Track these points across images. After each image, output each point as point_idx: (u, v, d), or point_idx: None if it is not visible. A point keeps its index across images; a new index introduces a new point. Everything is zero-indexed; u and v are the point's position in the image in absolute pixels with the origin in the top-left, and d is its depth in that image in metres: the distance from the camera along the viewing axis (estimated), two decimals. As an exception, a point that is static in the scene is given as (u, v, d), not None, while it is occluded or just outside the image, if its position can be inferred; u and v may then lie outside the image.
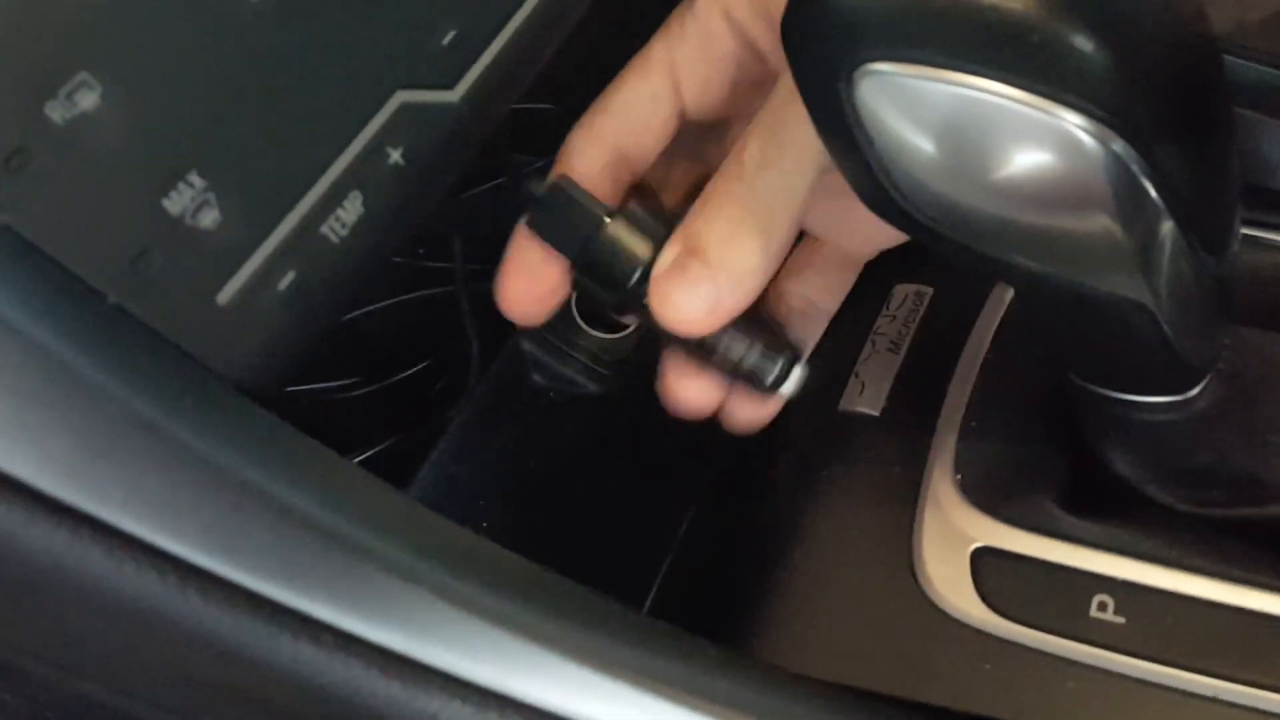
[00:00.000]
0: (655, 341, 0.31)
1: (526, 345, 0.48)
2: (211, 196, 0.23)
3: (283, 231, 0.24)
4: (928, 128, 0.24)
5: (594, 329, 0.48)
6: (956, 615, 0.29)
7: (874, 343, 0.34)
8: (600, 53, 0.30)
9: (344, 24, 0.25)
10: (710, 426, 0.32)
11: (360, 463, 0.41)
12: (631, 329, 0.48)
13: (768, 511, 0.33)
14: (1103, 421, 0.30)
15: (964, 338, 0.33)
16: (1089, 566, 0.29)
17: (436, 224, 0.41)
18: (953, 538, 0.30)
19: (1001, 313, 0.34)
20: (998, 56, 0.22)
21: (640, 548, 0.36)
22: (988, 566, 0.29)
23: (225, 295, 0.23)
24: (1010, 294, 0.34)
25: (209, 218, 0.23)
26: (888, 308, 0.35)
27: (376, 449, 0.42)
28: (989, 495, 0.30)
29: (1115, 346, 0.28)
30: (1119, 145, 0.23)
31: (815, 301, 0.32)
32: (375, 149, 0.25)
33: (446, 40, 0.26)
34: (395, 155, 0.26)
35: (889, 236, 0.31)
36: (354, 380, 0.40)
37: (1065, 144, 0.23)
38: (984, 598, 0.29)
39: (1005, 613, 0.29)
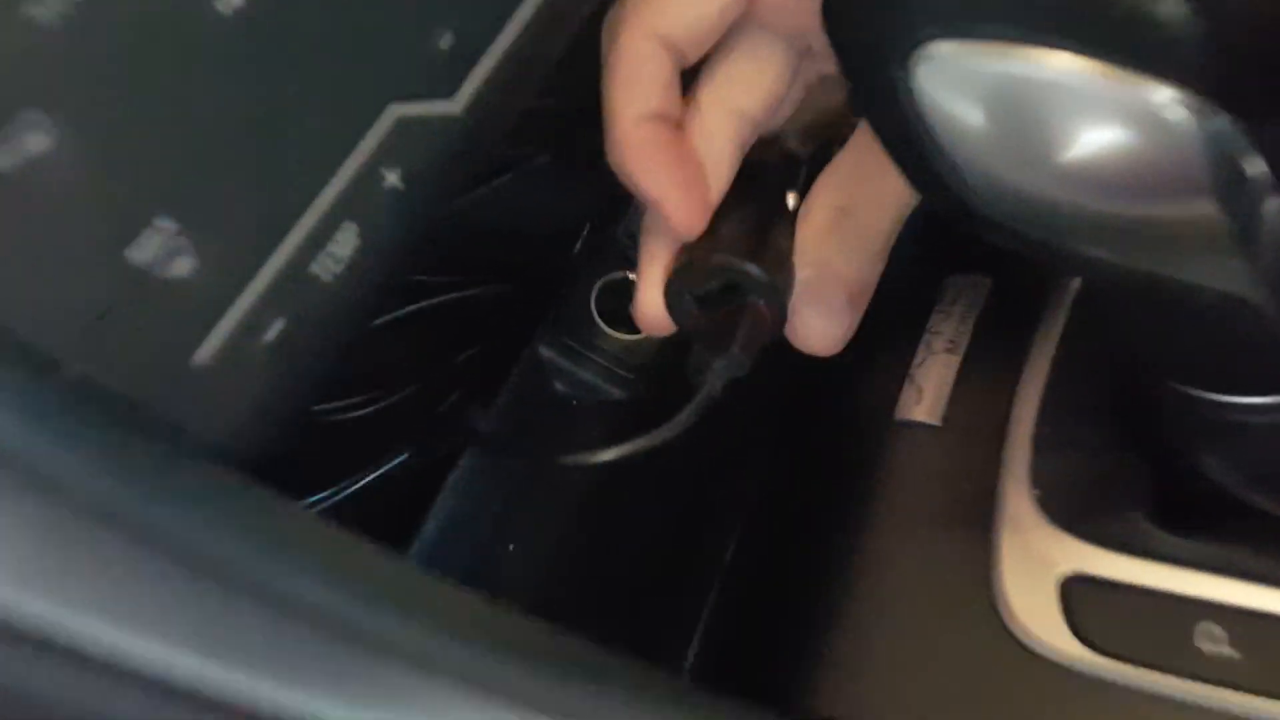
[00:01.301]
0: (676, 344, 0.30)
1: (545, 351, 0.45)
2: (184, 241, 0.20)
3: (268, 275, 0.21)
4: (998, 114, 0.21)
5: (615, 330, 0.45)
6: (1045, 652, 0.26)
7: (929, 343, 0.31)
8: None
9: (327, 32, 0.22)
10: (754, 442, 0.29)
11: (377, 480, 0.39)
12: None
13: (821, 538, 0.30)
14: (1197, 425, 0.26)
15: (1030, 333, 0.30)
16: (1193, 591, 0.26)
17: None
18: (1036, 564, 0.27)
19: (1069, 302, 0.30)
20: (1079, 30, 0.19)
21: (682, 579, 0.33)
22: (1078, 595, 0.26)
23: (203, 354, 0.20)
24: (1077, 280, 0.31)
25: (182, 266, 0.20)
26: (941, 302, 0.32)
27: (392, 464, 0.40)
28: (1073, 513, 0.27)
29: (1212, 345, 0.25)
30: (1219, 122, 0.20)
31: None
32: (369, 172, 0.22)
33: (444, 44, 0.23)
34: (392, 178, 0.23)
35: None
36: (362, 398, 0.37)
37: (1158, 124, 0.20)
38: (1075, 631, 0.26)
39: (1100, 647, 0.26)
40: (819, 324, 0.27)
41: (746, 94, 0.28)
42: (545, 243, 0.44)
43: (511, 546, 0.42)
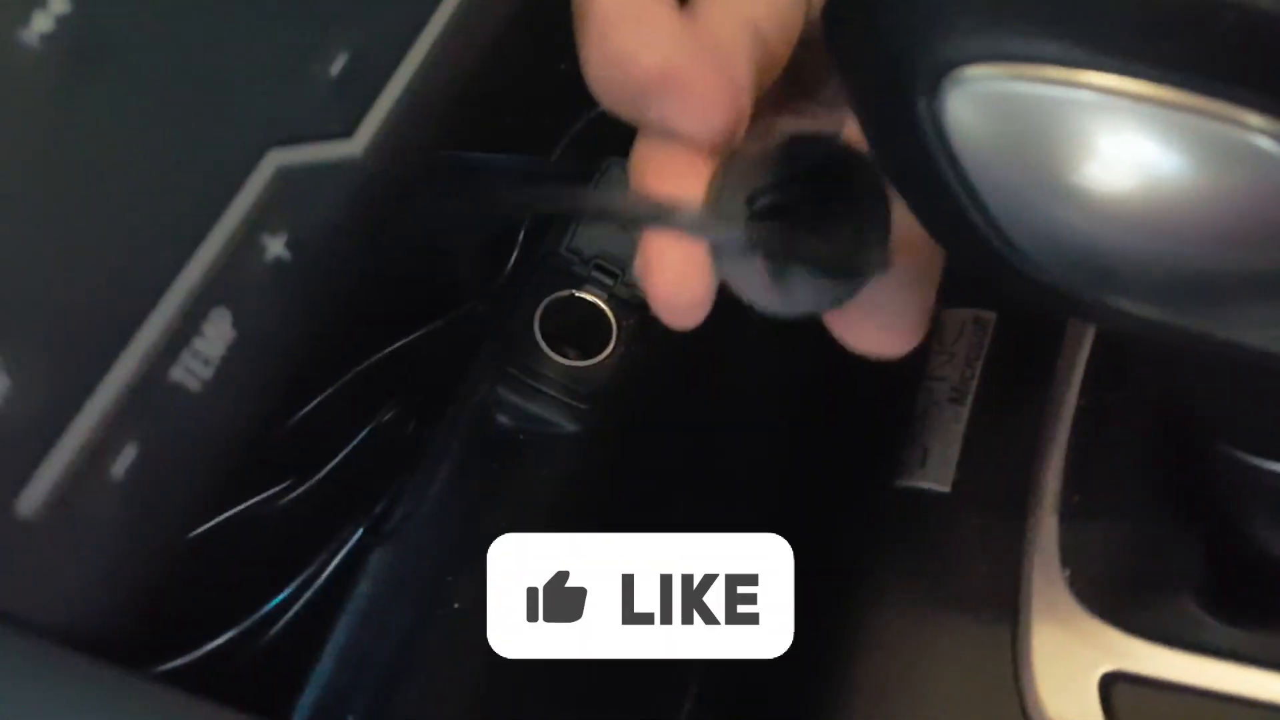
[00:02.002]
0: (634, 369, 0.24)
1: (486, 383, 0.41)
2: (-10, 357, 0.15)
3: (112, 389, 0.16)
4: (1047, 150, 0.17)
5: (563, 356, 0.41)
6: (1084, 763, 0.22)
7: (930, 390, 0.27)
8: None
9: (178, 60, 0.17)
10: (740, 511, 0.25)
11: (319, 570, 0.34)
12: (607, 353, 0.41)
13: (819, 630, 0.26)
14: (1252, 495, 0.23)
15: (1047, 378, 0.26)
16: (1254, 692, 0.22)
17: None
18: (1073, 660, 0.23)
19: (1090, 340, 0.26)
20: (1166, 48, 0.15)
21: (658, 668, 0.29)
22: (1123, 697, 0.22)
23: (30, 501, 0.15)
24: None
25: (-10, 389, 0.15)
26: (941, 342, 0.28)
27: (336, 553, 0.35)
28: (1111, 598, 0.23)
29: (1271, 408, 0.21)
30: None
31: None
32: (245, 242, 0.17)
33: (335, 70, 0.18)
34: (275, 246, 0.18)
35: None
36: (285, 484, 0.32)
37: (1250, 157, 0.16)
38: (1120, 740, 0.22)
39: (1150, 760, 0.22)
40: (888, 309, 0.20)
41: (759, 6, 0.20)
42: (469, 265, 0.39)
43: (456, 605, 0.38)
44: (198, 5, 0.17)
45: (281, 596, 0.34)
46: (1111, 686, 0.22)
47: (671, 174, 0.19)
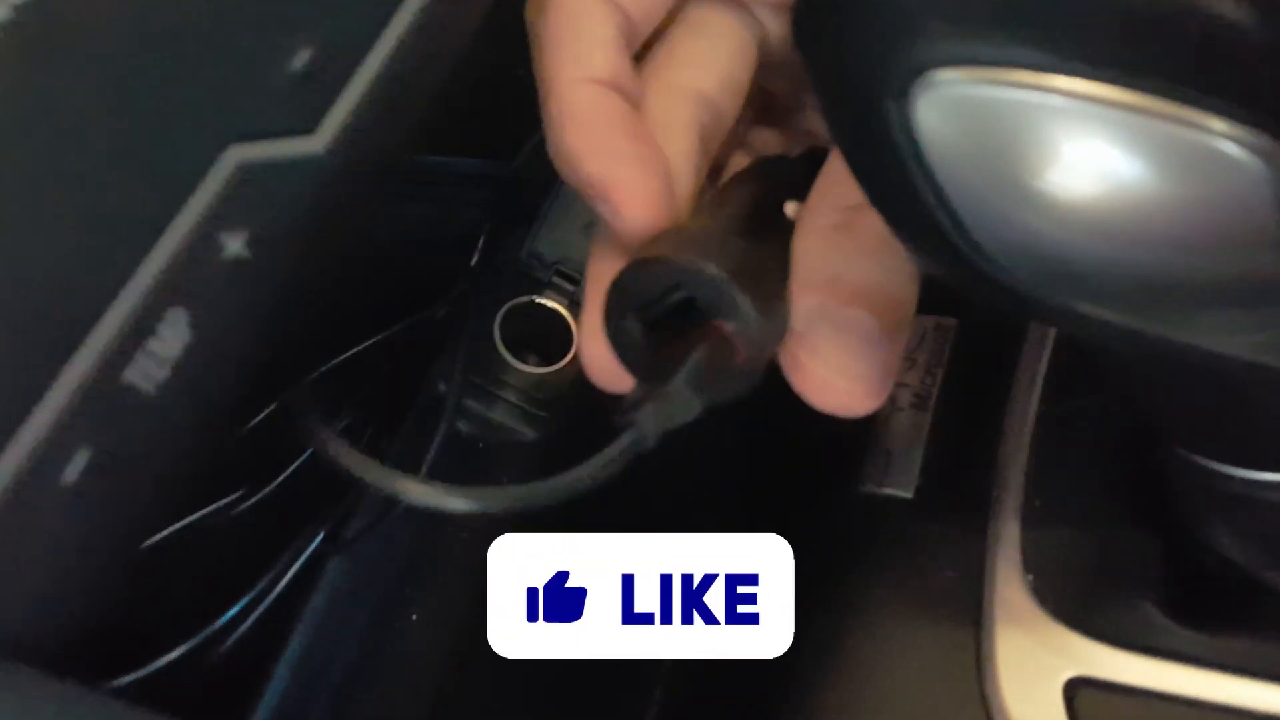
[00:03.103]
0: None
1: (444, 388, 0.40)
2: (-66, 355, 0.14)
3: (64, 391, 0.15)
4: (1017, 155, 0.17)
5: (524, 362, 0.40)
6: (1048, 768, 0.22)
7: (893, 396, 0.27)
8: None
9: (136, 51, 0.17)
10: (699, 517, 0.25)
11: (275, 581, 0.34)
12: (567, 360, 0.41)
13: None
14: (1210, 499, 0.23)
15: (1008, 383, 0.26)
16: (1217, 696, 0.22)
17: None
18: (1037, 665, 0.23)
19: (1050, 345, 0.27)
20: (1133, 53, 0.15)
21: (622, 675, 0.28)
22: (1087, 703, 0.22)
23: (-25, 507, 0.15)
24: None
25: (-66, 390, 0.14)
26: (904, 348, 0.28)
27: (292, 564, 0.34)
28: (1075, 603, 0.23)
29: (1229, 414, 0.21)
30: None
31: None
32: (203, 239, 0.17)
33: (298, 64, 0.18)
34: (234, 244, 0.17)
35: None
36: (238, 493, 0.32)
37: (1219, 163, 0.16)
38: (1085, 746, 0.22)
39: (1114, 764, 0.22)
40: (842, 365, 0.19)
41: (701, 72, 0.22)
42: (428, 271, 0.39)
43: (414, 616, 0.37)
44: (156, -2, 0.17)
45: (237, 608, 0.34)
46: (1075, 692, 0.22)
47: (608, 264, 0.21)
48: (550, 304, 0.39)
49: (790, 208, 0.22)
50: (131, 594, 0.20)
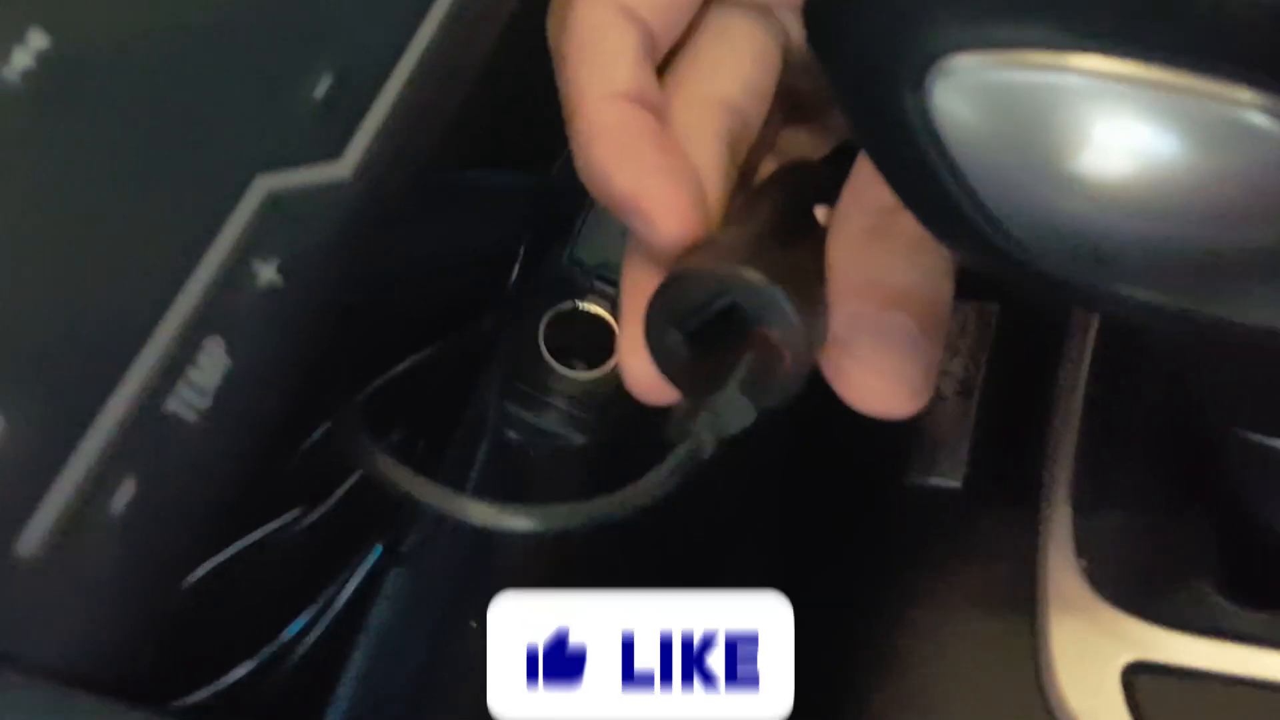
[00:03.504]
0: None
1: (493, 400, 0.41)
2: (-16, 397, 0.15)
3: (108, 424, 0.16)
4: (1038, 137, 0.16)
5: (570, 368, 0.41)
6: (1111, 756, 0.22)
7: (937, 385, 0.27)
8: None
9: (162, 91, 0.17)
10: (743, 520, 0.25)
11: (335, 596, 0.34)
12: (612, 364, 0.41)
13: (830, 632, 0.25)
14: (1273, 477, 0.22)
15: (1054, 367, 0.26)
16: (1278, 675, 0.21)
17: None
18: (1093, 651, 0.23)
19: (1096, 326, 0.26)
20: (1155, 28, 0.15)
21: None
22: (1146, 687, 0.22)
23: (29, 541, 0.15)
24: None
25: (-15, 430, 0.15)
26: (946, 336, 0.27)
27: (353, 577, 0.35)
28: (1130, 587, 0.23)
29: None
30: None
31: None
32: (236, 269, 0.17)
33: (320, 92, 0.18)
34: (267, 272, 0.18)
35: None
36: (296, 512, 0.32)
37: (1242, 135, 0.16)
38: (1146, 730, 0.22)
39: (1178, 750, 0.22)
40: (885, 368, 0.20)
41: (725, 79, 0.22)
42: (471, 284, 0.39)
43: (474, 624, 0.37)
44: (179, 34, 0.17)
45: (299, 624, 0.34)
46: (1134, 677, 0.22)
47: (643, 278, 0.21)
48: (593, 309, 0.39)
49: (820, 213, 0.22)
50: (194, 614, 0.20)
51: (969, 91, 0.16)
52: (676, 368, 0.21)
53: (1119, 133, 0.16)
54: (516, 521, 0.19)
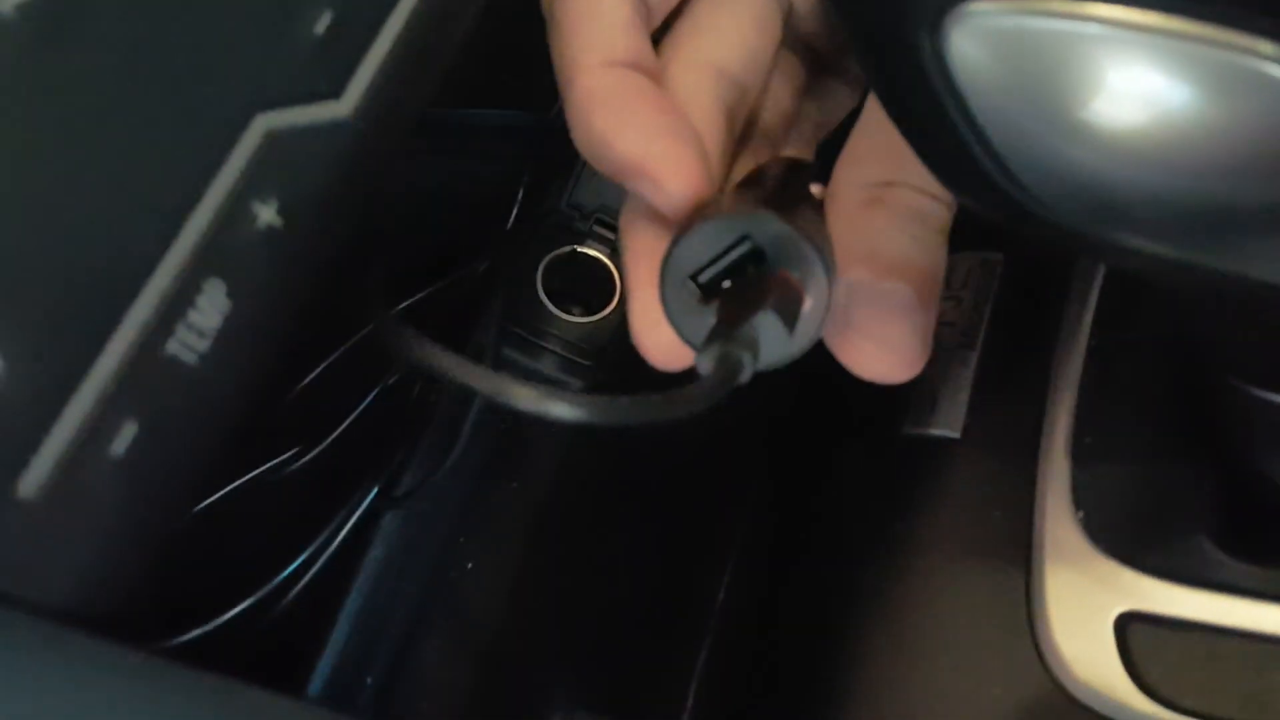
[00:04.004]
0: None
1: (488, 341, 0.40)
2: (-18, 337, 0.15)
3: (108, 366, 0.16)
4: (1055, 85, 0.16)
5: (567, 313, 0.40)
6: (1099, 704, 0.22)
7: (939, 335, 0.27)
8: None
9: (158, 25, 0.17)
10: (743, 460, 0.25)
11: (332, 537, 0.34)
12: (611, 308, 0.41)
13: (828, 577, 0.26)
14: (1267, 430, 0.22)
15: (1056, 319, 0.26)
16: (1271, 627, 0.22)
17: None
18: (1087, 601, 0.23)
19: (1099, 279, 0.26)
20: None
21: (671, 624, 0.29)
22: (1138, 638, 0.22)
23: (30, 482, 0.15)
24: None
25: (-16, 370, 0.15)
26: (949, 286, 0.27)
27: (349, 518, 0.35)
28: (1124, 538, 0.23)
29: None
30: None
31: None
32: (235, 209, 0.17)
33: (320, 28, 0.18)
34: (266, 213, 0.17)
35: None
36: (293, 452, 0.32)
37: (1261, 85, 0.16)
38: (1136, 680, 0.22)
39: (1166, 699, 0.22)
40: (884, 336, 0.20)
41: (724, 46, 0.22)
42: (469, 225, 0.39)
43: (470, 565, 0.38)
44: (177, -32, 0.17)
45: (295, 564, 0.34)
46: (1127, 626, 0.22)
47: (650, 241, 0.21)
48: (592, 253, 0.39)
49: (816, 189, 0.22)
50: (192, 553, 0.20)
51: (986, 37, 0.16)
52: (694, 324, 0.20)
53: (1136, 83, 0.16)
54: (560, 409, 0.19)
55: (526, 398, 0.19)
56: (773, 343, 0.19)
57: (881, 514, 0.25)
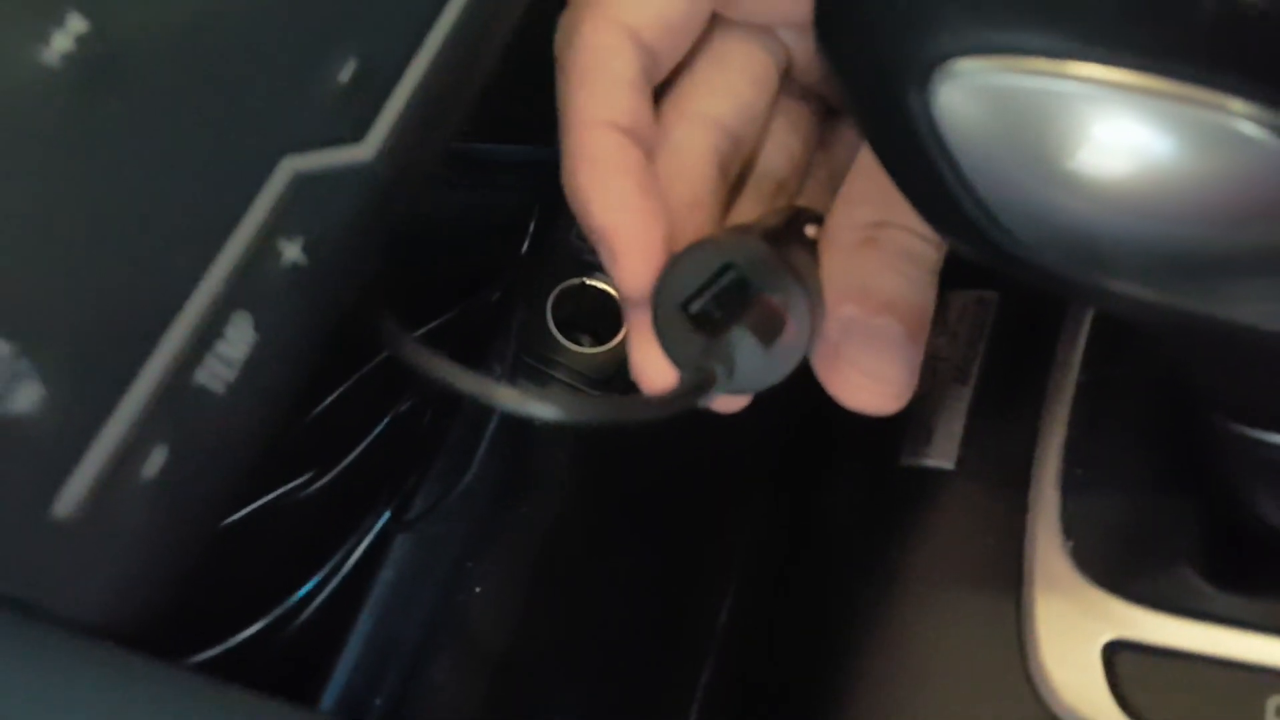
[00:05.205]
0: None
1: (499, 369, 0.41)
2: (25, 365, 0.16)
3: (141, 393, 0.17)
4: (1037, 140, 0.17)
5: (575, 343, 0.41)
6: (1089, 730, 0.23)
7: (935, 370, 0.28)
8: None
9: (193, 74, 0.18)
10: (743, 495, 0.26)
11: (344, 559, 0.35)
12: (617, 340, 0.41)
13: (825, 603, 0.26)
14: (1250, 466, 0.23)
15: (1048, 355, 0.27)
16: (1260, 658, 0.22)
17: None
18: (1076, 629, 0.23)
19: (1090, 317, 0.27)
20: (1150, 38, 0.15)
21: (672, 648, 0.29)
22: (1125, 664, 0.23)
23: (65, 503, 0.16)
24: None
25: (27, 396, 0.16)
26: (945, 322, 0.28)
27: (361, 541, 0.36)
28: (1114, 568, 0.24)
29: (1268, 383, 0.21)
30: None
31: None
32: (263, 247, 0.18)
33: (345, 76, 0.19)
34: (292, 251, 0.18)
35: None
36: (308, 476, 0.33)
37: (1232, 142, 0.16)
38: (1123, 705, 0.23)
39: (1154, 726, 0.22)
40: (875, 369, 0.21)
41: (718, 99, 0.23)
42: (481, 256, 0.40)
43: (478, 589, 0.38)
44: (211, 19, 0.18)
45: (308, 586, 0.35)
46: (1114, 654, 0.23)
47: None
48: (599, 285, 0.40)
49: (811, 230, 0.23)
50: (210, 574, 0.21)
51: (971, 93, 0.17)
52: (688, 353, 0.21)
53: (1114, 136, 0.17)
54: (540, 409, 0.20)
55: (508, 398, 0.20)
56: (751, 362, 0.20)
57: (878, 541, 0.26)
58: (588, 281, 0.41)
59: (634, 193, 0.21)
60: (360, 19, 0.20)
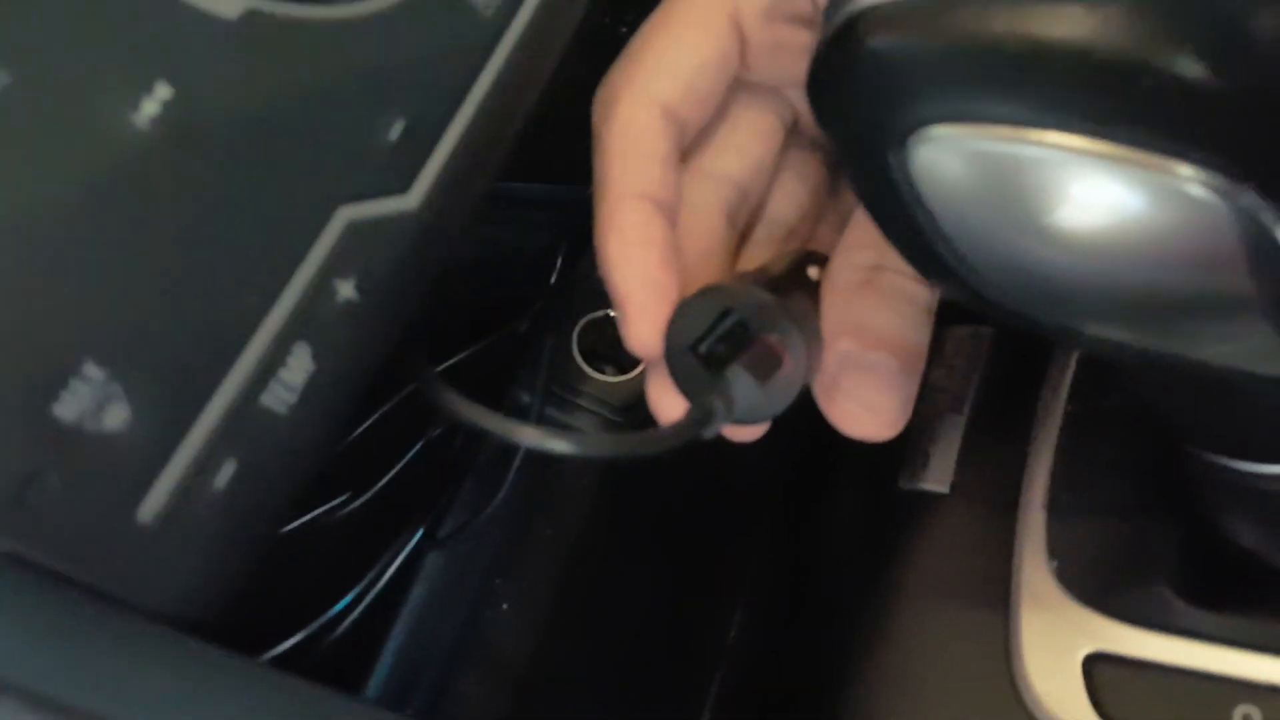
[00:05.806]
0: None
1: (527, 399, 0.43)
2: (116, 388, 0.18)
3: (214, 414, 0.19)
4: (1005, 199, 0.19)
5: (600, 372, 0.44)
6: (1070, 737, 0.25)
7: (933, 401, 0.30)
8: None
9: (260, 136, 0.20)
10: (752, 516, 0.27)
11: (378, 576, 0.37)
12: (639, 370, 0.43)
13: (828, 617, 0.28)
14: (1221, 492, 0.25)
15: (1037, 387, 0.29)
16: (1230, 670, 0.24)
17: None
18: (1059, 642, 0.25)
19: (1076, 356, 0.29)
20: (1099, 108, 0.17)
21: (684, 660, 0.31)
22: (1105, 677, 0.25)
23: (148, 510, 0.18)
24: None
25: (116, 416, 0.18)
26: (942, 356, 0.30)
27: (395, 559, 0.38)
28: (1096, 585, 0.26)
29: (1234, 415, 0.23)
30: (1248, 196, 0.18)
31: None
32: (321, 286, 0.20)
33: (393, 135, 0.21)
34: (346, 289, 0.21)
35: None
36: (345, 496, 0.35)
37: (1183, 202, 0.18)
38: (1103, 716, 0.24)
39: (1130, 732, 0.24)
40: (870, 399, 0.23)
41: (730, 158, 0.25)
42: (510, 289, 0.42)
43: (505, 606, 0.40)
44: (276, 88, 0.20)
45: (345, 600, 0.37)
46: (1094, 666, 0.25)
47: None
48: (623, 318, 0.42)
49: (813, 271, 0.25)
50: (254, 588, 0.23)
51: (946, 157, 0.19)
52: (697, 389, 0.23)
53: (1074, 195, 0.19)
54: (558, 445, 0.22)
55: (529, 435, 0.22)
56: (749, 397, 0.22)
57: (877, 560, 0.28)
58: (611, 314, 0.43)
59: (654, 266, 0.24)
60: (407, 84, 0.22)
